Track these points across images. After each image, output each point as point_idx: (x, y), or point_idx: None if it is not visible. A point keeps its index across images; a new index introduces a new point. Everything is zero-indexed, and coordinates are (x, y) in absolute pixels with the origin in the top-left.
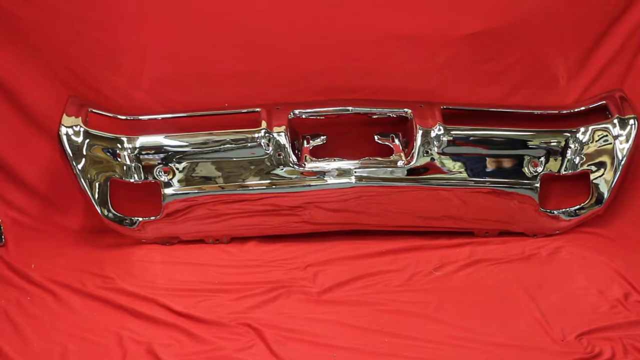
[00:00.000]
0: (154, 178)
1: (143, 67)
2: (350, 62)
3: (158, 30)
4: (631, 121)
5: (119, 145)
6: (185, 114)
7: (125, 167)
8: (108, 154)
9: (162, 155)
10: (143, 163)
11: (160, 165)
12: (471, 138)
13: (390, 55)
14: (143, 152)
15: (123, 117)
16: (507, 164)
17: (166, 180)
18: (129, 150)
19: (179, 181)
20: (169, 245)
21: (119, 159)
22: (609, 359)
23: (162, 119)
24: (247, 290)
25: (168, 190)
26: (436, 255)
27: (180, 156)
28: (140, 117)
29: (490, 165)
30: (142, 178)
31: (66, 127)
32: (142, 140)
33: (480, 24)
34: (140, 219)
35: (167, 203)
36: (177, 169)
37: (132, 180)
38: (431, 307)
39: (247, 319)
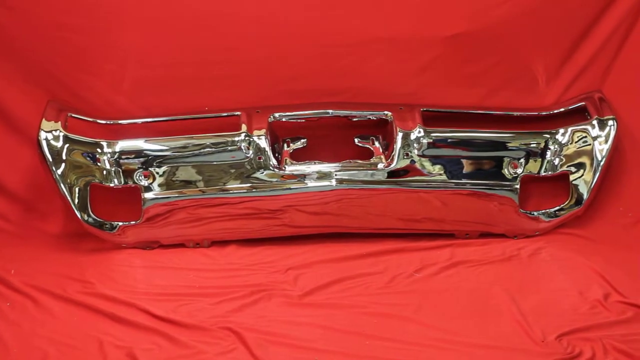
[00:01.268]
0: (134, 182)
1: (124, 72)
2: (331, 64)
3: (138, 35)
4: (610, 122)
5: (98, 149)
6: (165, 118)
7: (105, 172)
8: (88, 158)
9: (142, 160)
10: (123, 167)
11: (141, 170)
12: (451, 140)
13: (371, 57)
14: (123, 157)
15: (103, 122)
16: (487, 165)
17: (146, 184)
18: (108, 155)
19: (159, 185)
20: (149, 250)
21: (98, 164)
22: (589, 359)
23: (142, 123)
24: (227, 294)
25: (148, 195)
26: (417, 257)
27: (160, 160)
28: (120, 122)
29: (470, 167)
30: (122, 182)
31: (45, 131)
32: (122, 144)
33: (460, 26)
34: (121, 223)
35: (147, 207)
36: (157, 173)
37: (112, 185)
38: (412, 309)
39: (228, 323)
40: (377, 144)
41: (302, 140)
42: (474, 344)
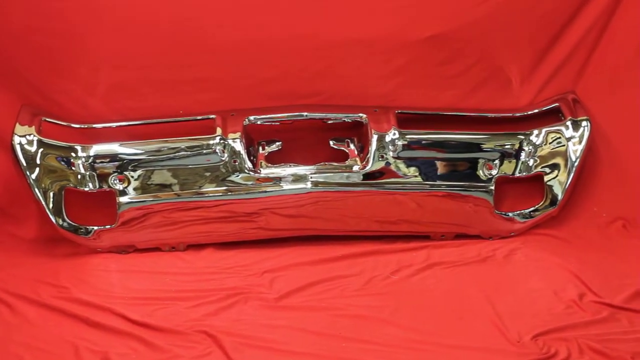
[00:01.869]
0: (109, 186)
1: (98, 75)
2: (306, 67)
3: (113, 38)
4: (584, 123)
5: (73, 154)
6: (139, 122)
7: (79, 176)
8: (62, 162)
9: (117, 164)
10: (98, 171)
11: (115, 174)
12: (426, 142)
13: (346, 59)
14: (97, 161)
15: (77, 126)
16: (461, 167)
17: (121, 188)
18: (83, 159)
19: (134, 189)
20: (124, 254)
21: (73, 168)
22: (564, 359)
23: (117, 126)
24: (203, 297)
25: (123, 199)
26: (393, 259)
27: (135, 164)
28: (94, 126)
29: (445, 169)
30: (97, 186)
31: (19, 136)
32: (97, 148)
33: (436, 27)
34: (96, 227)
35: (122, 211)
36: (132, 176)
37: (86, 189)
38: (388, 311)
39: (204, 327)
40: (352, 146)
41: (278, 143)
42: (450, 344)
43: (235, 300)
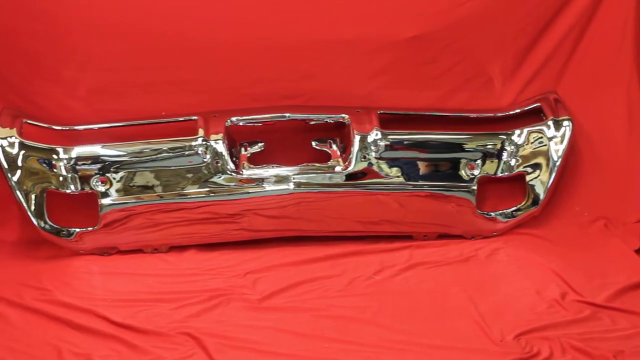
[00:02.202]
0: (91, 188)
1: (80, 77)
2: (289, 68)
3: (95, 40)
4: (565, 123)
5: (54, 156)
6: (121, 124)
7: (61, 178)
8: (44, 165)
9: (98, 165)
10: (79, 173)
11: (97, 175)
12: (408, 142)
13: (328, 60)
14: (79, 163)
15: (59, 128)
16: (444, 167)
17: (103, 190)
18: (65, 161)
19: (116, 191)
20: (107, 256)
21: (55, 170)
22: (547, 358)
23: (99, 128)
24: (186, 299)
25: (105, 201)
26: (375, 259)
27: (117, 166)
28: (76, 127)
29: (427, 169)
30: (79, 188)
31: (1, 138)
32: (78, 150)
33: (418, 28)
34: (78, 229)
35: (104, 213)
36: (115, 178)
37: (68, 191)
38: (371, 311)
39: (187, 328)
40: (334, 146)
41: (260, 144)
42: (433, 345)
43: (218, 301)
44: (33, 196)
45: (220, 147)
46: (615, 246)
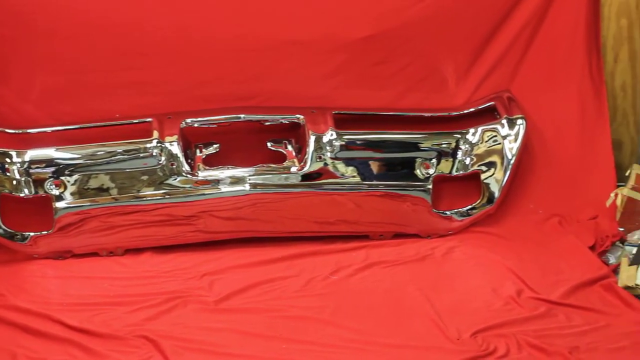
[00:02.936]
0: (45, 192)
1: (32, 80)
2: (244, 69)
3: (47, 42)
4: (519, 121)
5: (7, 159)
6: (75, 126)
7: (15, 182)
8: None
9: (52, 169)
10: (33, 177)
11: (51, 179)
12: (363, 142)
13: (283, 61)
14: (33, 166)
15: (11, 131)
16: (399, 166)
17: (58, 193)
18: (18, 165)
19: (71, 194)
20: (62, 260)
21: (8, 174)
22: (503, 355)
23: (52, 131)
24: (142, 302)
25: (60, 204)
26: (332, 259)
27: (71, 169)
28: (29, 131)
29: (382, 169)
30: (33, 192)
31: None
32: (32, 153)
33: (372, 28)
34: (32, 233)
35: (59, 217)
36: (69, 181)
37: (22, 195)
38: (328, 311)
39: (144, 331)
40: (289, 147)
41: (215, 146)
42: (390, 344)
43: (175, 304)
44: None
45: (175, 149)
46: (569, 243)
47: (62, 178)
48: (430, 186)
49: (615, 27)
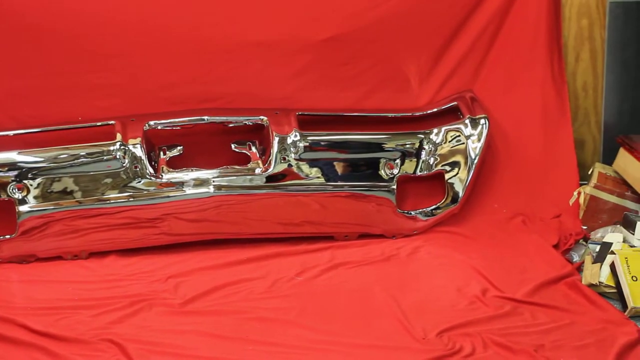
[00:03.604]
0: (8, 195)
1: None
2: (207, 71)
3: (8, 45)
4: (482, 121)
5: None
6: (38, 129)
7: None
8: None
9: (15, 172)
10: None
11: (14, 182)
12: (327, 143)
13: (247, 62)
14: None
15: None
16: (363, 167)
17: (20, 197)
18: None
19: (34, 197)
20: (25, 264)
21: None
22: (469, 354)
23: (14, 134)
24: (107, 305)
25: (23, 208)
26: (297, 260)
27: (34, 172)
28: None
29: (347, 169)
30: None
31: None
32: None
33: (335, 28)
34: None
35: (22, 220)
36: (32, 185)
37: None
38: (294, 312)
39: (109, 335)
40: (254, 149)
41: (179, 148)
42: (356, 344)
43: (140, 307)
44: None
45: (139, 151)
46: (533, 242)
47: (25, 181)
48: (394, 186)
49: (576, 27)
